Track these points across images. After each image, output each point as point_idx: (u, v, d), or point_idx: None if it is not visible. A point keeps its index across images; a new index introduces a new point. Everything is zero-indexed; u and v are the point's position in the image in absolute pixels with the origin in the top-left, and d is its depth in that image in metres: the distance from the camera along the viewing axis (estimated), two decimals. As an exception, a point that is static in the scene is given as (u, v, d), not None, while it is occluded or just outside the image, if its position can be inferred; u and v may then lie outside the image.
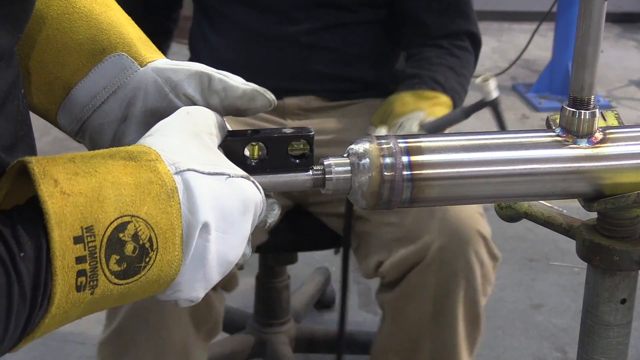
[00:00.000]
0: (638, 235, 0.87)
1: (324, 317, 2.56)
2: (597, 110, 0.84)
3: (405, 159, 0.80)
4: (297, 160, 0.82)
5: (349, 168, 0.80)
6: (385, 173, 0.80)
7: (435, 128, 1.61)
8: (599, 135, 0.84)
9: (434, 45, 1.83)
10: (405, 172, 0.80)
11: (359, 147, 0.81)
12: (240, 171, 0.75)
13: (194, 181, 0.71)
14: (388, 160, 0.80)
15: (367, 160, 0.80)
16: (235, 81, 0.84)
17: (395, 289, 1.67)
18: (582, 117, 0.83)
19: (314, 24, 1.82)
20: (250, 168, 0.80)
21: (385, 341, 1.75)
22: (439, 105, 1.70)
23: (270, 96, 0.84)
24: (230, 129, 0.83)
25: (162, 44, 2.02)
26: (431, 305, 1.62)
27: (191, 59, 1.93)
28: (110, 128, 0.86)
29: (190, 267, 0.71)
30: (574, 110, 0.83)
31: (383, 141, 0.81)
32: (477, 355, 2.36)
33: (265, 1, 1.82)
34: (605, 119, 0.89)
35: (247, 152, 0.81)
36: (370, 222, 1.73)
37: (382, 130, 1.64)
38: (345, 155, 0.81)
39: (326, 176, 0.81)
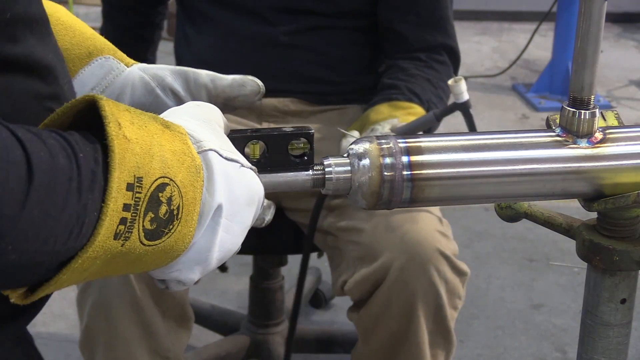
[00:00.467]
0: (638, 235, 0.87)
1: (318, 317, 2.57)
2: (597, 110, 0.84)
3: (405, 159, 0.80)
4: (297, 160, 0.82)
5: (349, 168, 0.80)
6: (385, 173, 0.80)
7: (407, 131, 1.61)
8: (599, 135, 0.84)
9: (412, 57, 1.84)
10: (405, 172, 0.80)
11: (359, 147, 0.81)
12: (248, 163, 0.76)
13: (215, 163, 0.71)
14: (388, 160, 0.80)
15: (367, 160, 0.80)
16: (220, 74, 0.86)
17: (362, 309, 1.67)
18: (582, 117, 0.83)
19: (293, 27, 1.82)
20: None
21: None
22: (413, 115, 1.71)
23: (259, 82, 0.85)
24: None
25: (152, 37, 2.06)
26: (398, 324, 1.62)
27: (174, 58, 1.98)
28: None
29: (196, 248, 0.72)
30: (574, 110, 0.83)
31: (383, 141, 0.81)
32: (477, 355, 2.36)
33: (244, 4, 1.83)
34: (605, 119, 0.89)
35: (247, 153, 0.81)
36: (338, 239, 1.72)
37: (355, 133, 1.64)
38: (345, 155, 0.82)
39: (326, 176, 0.81)
